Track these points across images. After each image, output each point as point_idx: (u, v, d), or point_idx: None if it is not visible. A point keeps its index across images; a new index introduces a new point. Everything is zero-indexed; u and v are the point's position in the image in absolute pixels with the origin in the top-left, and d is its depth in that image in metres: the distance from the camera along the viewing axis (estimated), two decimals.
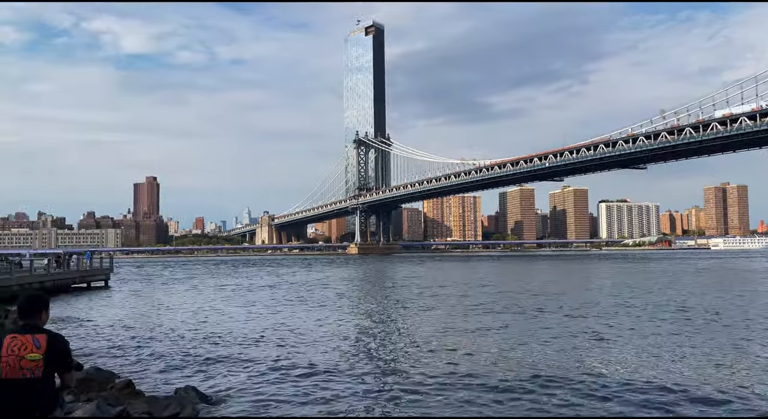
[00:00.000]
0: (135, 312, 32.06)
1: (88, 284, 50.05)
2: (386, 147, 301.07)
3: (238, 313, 30.21)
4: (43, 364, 3.85)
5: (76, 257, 52.32)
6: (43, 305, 4.17)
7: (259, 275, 77.67)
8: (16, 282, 38.19)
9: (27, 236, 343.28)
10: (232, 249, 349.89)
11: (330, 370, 15.37)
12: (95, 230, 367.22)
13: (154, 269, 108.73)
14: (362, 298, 39.28)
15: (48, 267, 44.13)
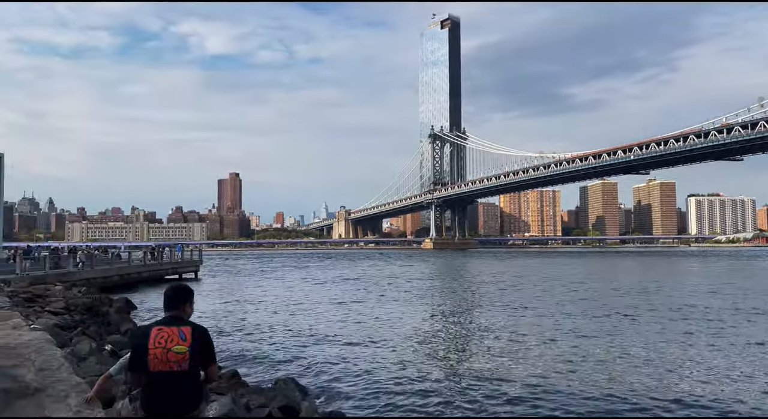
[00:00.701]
0: (225, 303, 33.24)
1: (180, 276, 52.39)
2: (462, 141, 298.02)
3: (325, 306, 30.70)
4: (189, 357, 3.80)
5: (169, 250, 55.02)
6: (188, 297, 4.12)
7: (339, 268, 78.91)
8: (116, 273, 40.61)
9: (122, 229, 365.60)
10: (310, 243, 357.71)
11: (421, 363, 15.25)
12: (183, 224, 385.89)
13: (239, 261, 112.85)
14: (449, 293, 38.93)
15: (144, 259, 46.59)
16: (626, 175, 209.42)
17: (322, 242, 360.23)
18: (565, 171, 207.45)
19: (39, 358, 4.84)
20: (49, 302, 22.70)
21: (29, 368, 4.69)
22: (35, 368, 4.74)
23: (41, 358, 4.84)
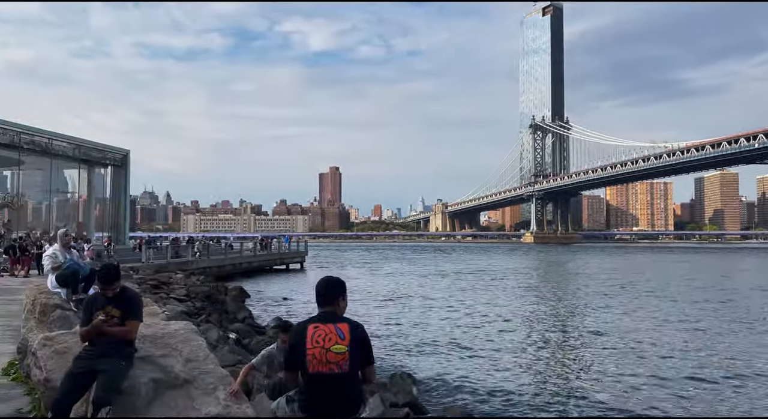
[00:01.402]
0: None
1: (287, 266, 54.22)
2: (565, 131, 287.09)
3: (432, 299, 30.42)
4: (349, 357, 3.50)
5: (276, 241, 57.10)
6: (342, 290, 3.79)
7: (439, 261, 78.56)
8: (229, 262, 42.58)
9: (231, 221, 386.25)
10: (407, 235, 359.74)
11: (537, 360, 14.53)
12: (286, 217, 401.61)
13: (340, 252, 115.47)
14: (560, 289, 37.40)
15: (254, 249, 48.59)
16: (749, 165, 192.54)
17: (419, 235, 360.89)
18: (680, 161, 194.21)
19: (186, 349, 4.80)
20: (173, 289, 24.08)
21: (177, 358, 4.65)
22: (183, 358, 4.70)
23: (188, 349, 4.80)
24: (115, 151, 45.92)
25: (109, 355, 4.40)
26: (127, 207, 47.63)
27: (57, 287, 7.85)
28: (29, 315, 7.56)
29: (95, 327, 4.45)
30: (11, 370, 7.26)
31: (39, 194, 56.08)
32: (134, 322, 4.59)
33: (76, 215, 50.38)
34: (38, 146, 38.06)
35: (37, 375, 5.37)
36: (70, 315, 7.57)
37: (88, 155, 42.88)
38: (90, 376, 4.37)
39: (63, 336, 5.61)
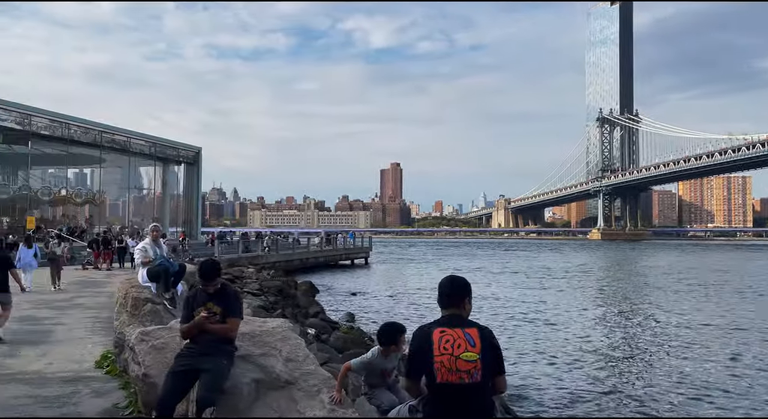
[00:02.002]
0: (401, 289, 33.60)
1: (352, 261, 54.50)
2: (634, 124, 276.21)
3: (506, 298, 29.74)
4: (481, 366, 3.13)
5: (342, 237, 57.53)
6: (468, 291, 3.42)
7: (505, 257, 77.10)
8: (297, 257, 43.18)
9: (295, 216, 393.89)
10: (469, 232, 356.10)
11: (622, 365, 13.78)
12: (348, 212, 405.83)
13: (402, 248, 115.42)
14: (636, 289, 35.82)
15: (321, 245, 49.09)
16: None
17: (481, 231, 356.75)
18: (761, 155, 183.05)
19: (285, 348, 4.62)
20: (246, 283, 24.52)
21: (277, 358, 4.47)
22: (283, 358, 4.52)
23: (287, 348, 4.61)
24: (188, 148, 47.39)
25: (211, 354, 4.26)
26: (199, 203, 49.12)
27: (147, 281, 7.92)
28: (121, 309, 7.66)
29: (197, 324, 4.32)
30: (105, 363, 7.36)
31: (117, 191, 58.60)
32: (235, 320, 4.44)
33: (151, 211, 52.36)
34: (118, 144, 39.73)
35: (135, 370, 5.33)
36: (160, 309, 7.61)
37: (163, 152, 44.43)
38: (192, 375, 4.24)
39: (159, 331, 5.56)
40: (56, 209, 41.19)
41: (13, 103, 32.76)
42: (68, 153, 37.36)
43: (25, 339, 9.14)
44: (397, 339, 4.54)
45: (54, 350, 8.36)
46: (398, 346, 4.55)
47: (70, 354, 8.04)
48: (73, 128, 35.92)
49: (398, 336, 4.56)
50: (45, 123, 34.00)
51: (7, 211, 35.66)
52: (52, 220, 38.54)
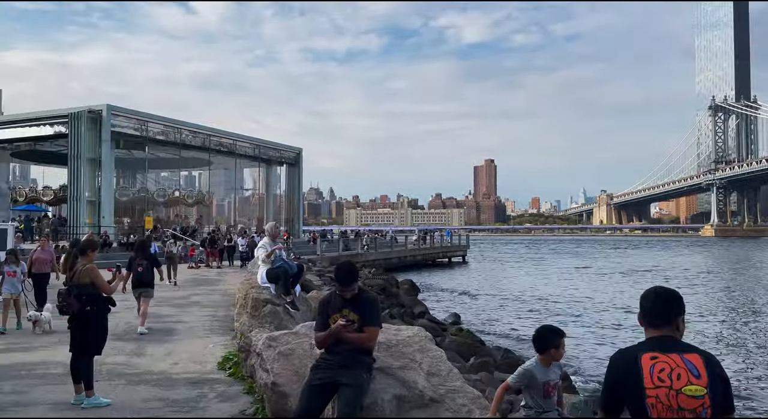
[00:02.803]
0: (504, 289, 32.56)
1: (449, 260, 53.81)
2: (752, 111, 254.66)
3: (609, 300, 28.00)
4: (710, 403, 2.40)
5: (438, 235, 56.97)
6: (682, 307, 2.63)
7: (609, 256, 73.32)
8: (396, 255, 43.12)
9: (389, 215, 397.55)
10: (568, 229, 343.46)
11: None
12: (442, 210, 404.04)
13: (498, 246, 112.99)
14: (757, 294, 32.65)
15: (418, 243, 48.80)
16: None
17: (581, 229, 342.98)
18: None
19: (425, 360, 4.16)
20: None
21: (418, 372, 4.02)
22: (424, 372, 4.07)
23: (427, 360, 4.16)
24: (289, 149, 48.64)
25: (350, 366, 3.88)
26: (301, 202, 50.30)
27: (266, 282, 7.78)
28: (241, 310, 7.57)
29: (334, 333, 3.95)
30: (227, 365, 7.28)
31: (222, 192, 61.24)
32: (374, 328, 4.03)
33: (255, 211, 54.29)
34: (224, 147, 41.39)
35: (263, 377, 5.08)
36: (280, 310, 7.44)
37: (266, 154, 45.84)
38: (330, 388, 3.88)
39: (285, 337, 5.29)
40: (169, 210, 43.61)
41: (131, 111, 34.96)
42: (180, 157, 39.37)
43: (150, 337, 9.36)
44: (557, 341, 3.94)
45: (177, 349, 8.45)
46: (559, 351, 3.95)
47: (193, 354, 8.08)
48: (184, 132, 37.80)
49: (557, 339, 3.96)
50: (159, 129, 35.99)
51: (127, 212, 38.16)
52: (166, 220, 40.82)
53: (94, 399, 5.63)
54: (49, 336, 9.25)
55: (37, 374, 6.92)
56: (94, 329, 5.71)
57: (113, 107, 33.07)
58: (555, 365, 4.01)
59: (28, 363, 7.49)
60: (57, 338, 9.14)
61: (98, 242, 6.61)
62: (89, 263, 5.81)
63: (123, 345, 8.50)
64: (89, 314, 5.64)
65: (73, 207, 31.65)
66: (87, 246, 5.92)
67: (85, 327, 5.65)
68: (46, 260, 11.74)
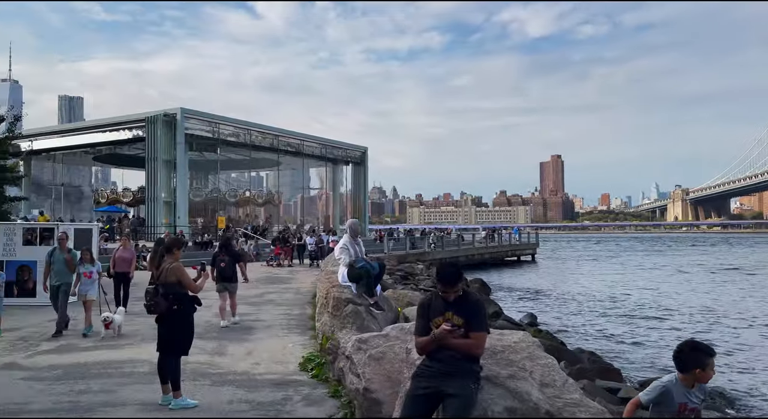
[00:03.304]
0: (580, 289, 31.35)
1: (518, 258, 52.49)
2: None
3: (695, 302, 26.37)
4: None
5: (506, 233, 55.72)
6: None
7: (690, 253, 69.66)
8: (463, 253, 42.40)
9: (452, 213, 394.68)
10: (640, 226, 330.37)
11: None
12: (507, 208, 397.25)
13: (568, 244, 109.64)
14: None
15: (486, 241, 47.87)
16: None
17: (654, 225, 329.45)
18: None
19: (536, 369, 3.77)
20: (419, 280, 24.24)
21: (530, 382, 3.64)
22: (537, 382, 3.68)
23: (539, 369, 3.76)
24: (355, 148, 48.82)
25: (456, 374, 3.53)
26: (366, 201, 50.38)
27: (347, 281, 7.54)
28: (323, 309, 7.37)
29: (438, 338, 3.61)
30: (309, 366, 7.09)
31: (289, 191, 62.23)
32: (481, 334, 3.66)
33: (322, 210, 54.91)
34: (292, 147, 41.97)
35: (354, 382, 4.81)
36: (362, 310, 7.18)
37: (332, 153, 46.21)
38: (435, 398, 3.54)
39: (376, 339, 5.00)
40: (239, 210, 44.68)
41: (203, 113, 35.96)
42: (250, 157, 40.22)
43: (230, 336, 9.34)
44: (704, 361, 3.45)
45: (257, 348, 8.36)
46: (706, 372, 3.46)
47: (274, 354, 7.96)
48: (254, 133, 38.58)
49: (705, 358, 3.46)
50: (230, 130, 36.87)
51: (200, 212, 39.36)
52: (236, 220, 41.83)
53: (181, 401, 5.54)
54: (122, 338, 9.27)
55: (124, 372, 6.95)
56: (180, 328, 5.61)
57: (186, 110, 34.10)
58: (699, 387, 3.51)
59: (115, 361, 7.56)
60: (140, 336, 9.29)
61: (184, 240, 6.21)
62: (175, 261, 5.71)
63: (204, 343, 8.48)
64: (176, 313, 5.55)
65: (151, 208, 32.86)
66: (173, 244, 5.84)
67: (172, 326, 5.56)
68: (128, 259, 11.85)
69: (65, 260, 9.72)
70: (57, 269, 9.73)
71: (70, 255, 9.78)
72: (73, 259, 9.72)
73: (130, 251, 12.25)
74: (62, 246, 9.94)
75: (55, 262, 9.76)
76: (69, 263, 9.69)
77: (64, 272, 9.71)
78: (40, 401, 5.79)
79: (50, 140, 38.35)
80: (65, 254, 9.79)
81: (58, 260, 9.75)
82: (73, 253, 9.87)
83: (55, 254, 9.87)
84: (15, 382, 6.51)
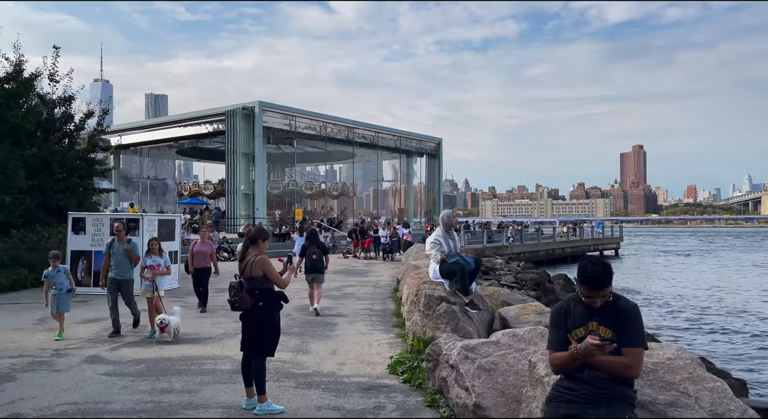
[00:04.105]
0: (677, 287, 29.37)
1: (601, 253, 50.11)
2: None
3: None
4: None
5: (588, 226, 53.31)
6: None
7: None
8: (543, 248, 40.85)
9: (527, 205, 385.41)
10: (731, 220, 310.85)
11: None
12: (585, 200, 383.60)
13: (652, 238, 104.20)
14: None
15: (567, 235, 45.93)
16: None
17: (747, 219, 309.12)
18: None
19: (702, 394, 3.02)
20: (500, 275, 23.24)
21: (696, 410, 2.91)
22: (705, 412, 2.91)
23: (705, 394, 3.03)
24: (430, 140, 48.03)
25: (607, 401, 2.81)
26: (441, 193, 49.50)
27: (439, 277, 6.88)
28: (412, 307, 6.76)
29: (583, 354, 2.89)
30: (399, 369, 6.50)
31: (363, 184, 62.19)
32: (637, 350, 2.92)
33: (395, 203, 54.46)
34: (366, 139, 41.70)
35: (461, 396, 4.17)
36: (456, 310, 6.52)
37: (407, 145, 45.62)
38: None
39: (485, 347, 4.33)
40: (315, 202, 44.95)
41: (280, 107, 36.21)
42: (325, 150, 40.30)
43: (313, 331, 8.93)
44: None
45: (342, 346, 7.88)
46: None
47: (360, 353, 7.45)
48: (329, 126, 38.57)
49: None
50: (306, 123, 37.00)
51: (279, 204, 39.88)
52: (311, 212, 42.09)
53: (266, 406, 5.08)
54: (204, 332, 9.06)
55: (206, 369, 6.62)
56: (266, 327, 5.13)
57: (264, 103, 34.45)
58: None
59: (198, 356, 7.28)
60: (223, 330, 9.03)
61: (269, 231, 5.36)
62: (261, 253, 5.25)
63: (286, 339, 8.08)
64: (261, 310, 5.09)
65: (230, 200, 33.47)
66: (258, 235, 5.33)
67: (257, 324, 5.10)
68: (206, 253, 11.07)
69: (125, 251, 8.89)
70: (116, 261, 8.89)
71: (129, 245, 8.96)
72: (133, 249, 8.94)
73: (209, 245, 11.44)
74: (120, 237, 9.04)
75: (114, 254, 8.92)
76: (129, 254, 8.90)
77: (124, 265, 8.91)
78: (121, 400, 5.50)
79: (137, 134, 39.86)
80: (124, 245, 8.95)
81: (117, 252, 8.92)
82: (132, 244, 9.06)
83: (114, 245, 8.99)
84: (97, 378, 6.30)
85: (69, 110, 18.44)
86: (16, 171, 15.34)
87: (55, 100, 18.29)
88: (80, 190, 18.34)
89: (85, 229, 13.27)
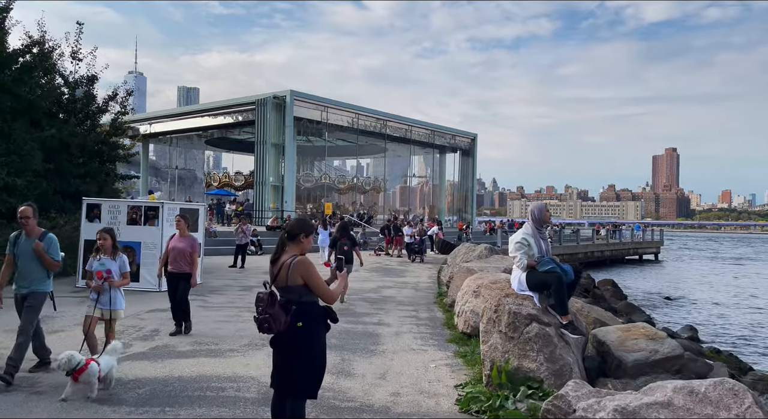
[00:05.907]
0: (728, 293, 27.34)
1: (640, 257, 48.00)
2: None
3: None
4: None
5: (625, 229, 51.10)
6: None
7: None
8: (581, 250, 38.87)
9: (556, 206, 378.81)
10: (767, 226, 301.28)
11: None
12: (615, 203, 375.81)
13: (690, 242, 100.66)
14: None
15: (607, 238, 43.88)
16: None
17: None
18: None
19: None
20: None
21: None
22: None
23: None
24: (464, 135, 46.29)
25: None
26: (474, 191, 47.73)
27: (525, 288, 5.34)
28: (490, 326, 5.26)
29: None
30: (474, 407, 4.99)
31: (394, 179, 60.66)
32: None
33: (427, 199, 52.88)
34: (399, 132, 40.18)
35: None
36: (552, 333, 4.99)
37: (440, 140, 43.99)
38: None
39: (650, 411, 2.80)
40: (345, 196, 43.61)
41: (312, 96, 34.84)
42: (356, 143, 38.91)
43: (354, 346, 7.48)
44: None
45: (392, 368, 6.41)
46: None
47: (416, 379, 5.97)
48: (361, 118, 37.12)
49: None
50: (338, 115, 35.60)
51: (310, 198, 38.70)
52: (341, 207, 40.76)
53: None
54: (224, 343, 7.68)
55: (226, 397, 5.19)
56: (307, 357, 3.60)
57: (296, 92, 33.19)
58: None
59: (215, 376, 5.87)
60: (248, 339, 7.65)
61: (313, 224, 3.31)
62: (302, 253, 3.75)
63: None
64: (300, 333, 3.59)
65: (259, 191, 32.30)
66: (298, 228, 3.75)
67: (295, 353, 3.60)
68: (185, 252, 7.88)
69: (33, 250, 5.58)
70: (22, 266, 5.65)
71: (42, 242, 5.61)
72: (48, 248, 5.62)
73: (190, 240, 8.00)
74: (28, 229, 5.64)
75: (19, 255, 5.66)
76: (41, 256, 5.58)
77: (32, 271, 5.63)
78: None
79: (166, 122, 38.96)
80: (34, 242, 5.60)
81: (23, 252, 5.64)
82: (48, 239, 5.67)
83: (20, 242, 5.69)
84: (84, 406, 4.91)
85: (92, 89, 17.32)
86: (31, 153, 14.22)
87: (77, 79, 17.19)
88: (102, 175, 17.20)
89: (101, 216, 12.04)
